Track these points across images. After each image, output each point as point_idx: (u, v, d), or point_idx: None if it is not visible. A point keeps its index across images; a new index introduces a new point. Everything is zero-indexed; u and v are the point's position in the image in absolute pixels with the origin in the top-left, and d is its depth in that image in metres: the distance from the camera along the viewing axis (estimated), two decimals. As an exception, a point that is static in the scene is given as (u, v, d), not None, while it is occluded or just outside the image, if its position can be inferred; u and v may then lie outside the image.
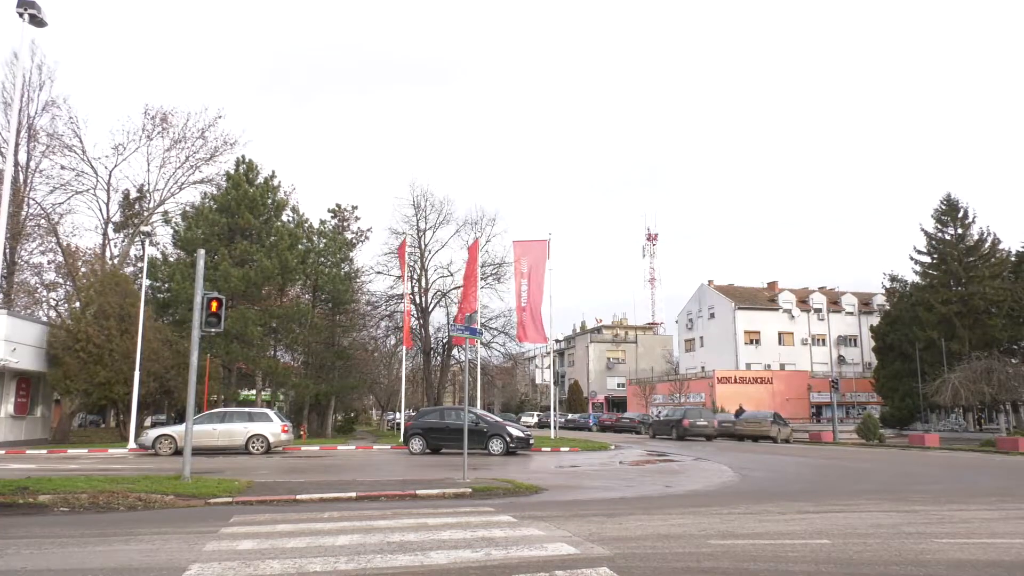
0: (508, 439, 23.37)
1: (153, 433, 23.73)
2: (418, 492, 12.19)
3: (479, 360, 33.91)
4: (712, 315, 77.61)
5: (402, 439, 26.92)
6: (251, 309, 32.81)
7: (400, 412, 34.88)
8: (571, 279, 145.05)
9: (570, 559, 6.69)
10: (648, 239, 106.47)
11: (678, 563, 6.59)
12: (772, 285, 78.30)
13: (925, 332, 49.03)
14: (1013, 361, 45.75)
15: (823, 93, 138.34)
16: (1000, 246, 51.45)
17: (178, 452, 21.32)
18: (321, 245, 37.10)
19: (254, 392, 36.63)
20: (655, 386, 71.82)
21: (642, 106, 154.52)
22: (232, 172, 35.05)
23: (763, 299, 76.15)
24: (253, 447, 23.27)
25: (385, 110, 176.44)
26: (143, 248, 34.36)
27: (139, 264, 36.75)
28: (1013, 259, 50.77)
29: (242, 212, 33.60)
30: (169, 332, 30.40)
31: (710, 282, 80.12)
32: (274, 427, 23.89)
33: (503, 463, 20.01)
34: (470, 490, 12.50)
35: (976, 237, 51.55)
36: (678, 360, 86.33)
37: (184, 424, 15.62)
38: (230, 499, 11.23)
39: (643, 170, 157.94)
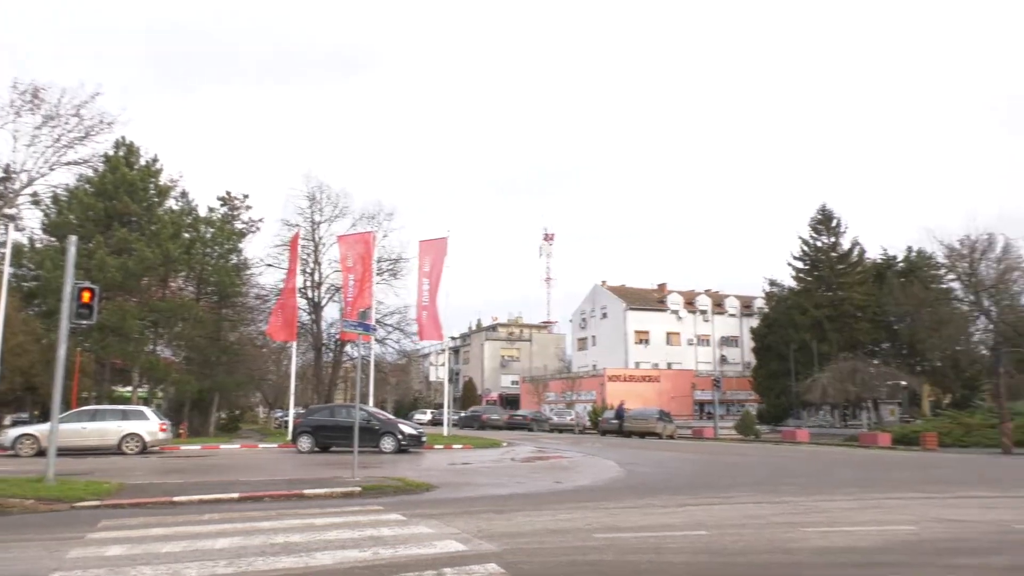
0: (400, 437, 23.12)
1: (13, 432, 21.95)
2: (305, 492, 11.87)
3: (373, 357, 33.38)
4: (604, 315, 79.63)
5: (290, 437, 26.14)
6: (129, 301, 30.94)
7: (289, 410, 33.80)
8: (468, 277, 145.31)
9: (459, 556, 6.69)
10: (545, 239, 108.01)
11: (564, 557, 6.72)
12: (662, 287, 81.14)
13: (799, 334, 52.14)
14: (875, 362, 49.46)
15: (714, 104, 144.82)
16: (866, 255, 55.51)
17: (41, 453, 19.80)
18: (208, 235, 35.42)
19: (130, 389, 34.61)
20: (548, 384, 72.96)
21: (542, 107, 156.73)
22: (111, 154, 32.88)
23: (653, 300, 78.81)
24: (127, 447, 21.96)
25: (283, 102, 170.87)
26: (7, 233, 31.75)
27: (1, 250, 33.94)
28: (875, 269, 54.90)
29: (121, 197, 31.59)
30: (38, 324, 28.24)
31: (603, 283, 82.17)
32: (151, 426, 22.63)
33: (395, 461, 19.80)
34: (359, 489, 12.28)
35: (846, 246, 55.36)
36: (571, 358, 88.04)
37: (49, 423, 14.54)
38: (98, 502, 10.55)
39: (542, 170, 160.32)
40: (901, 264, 54.91)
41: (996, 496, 12.20)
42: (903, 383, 44.96)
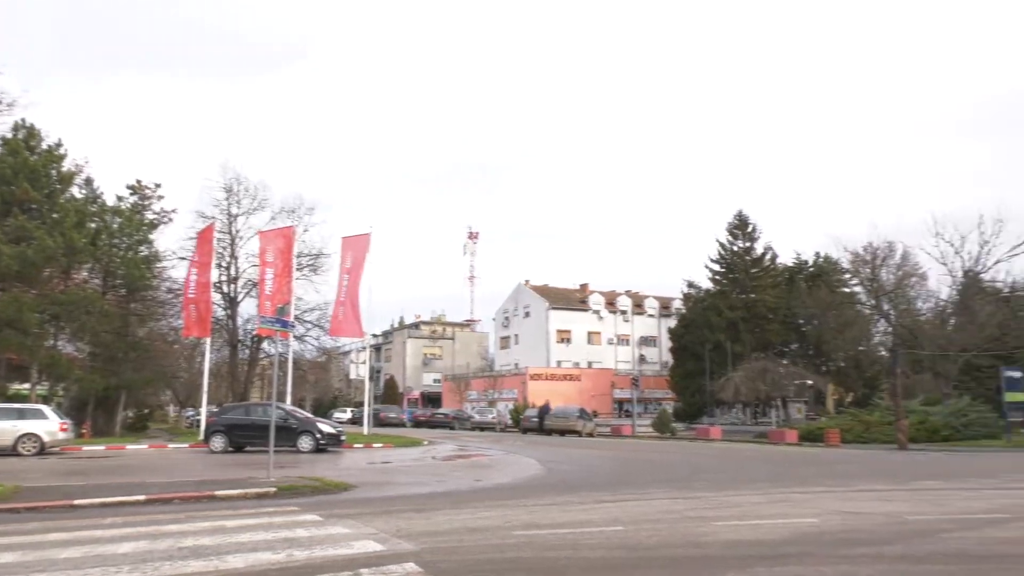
0: (318, 436, 22.67)
1: None
2: (217, 493, 11.48)
3: (291, 354, 32.59)
4: (527, 314, 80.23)
5: (202, 437, 25.25)
6: (27, 293, 29.19)
7: (201, 408, 32.62)
8: (392, 274, 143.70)
9: (376, 556, 6.61)
10: (469, 237, 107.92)
11: (482, 555, 6.73)
12: (584, 287, 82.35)
13: (714, 335, 53.91)
14: (784, 362, 51.66)
15: (636, 108, 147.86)
16: (779, 260, 57.91)
17: (-74, 454, 18.53)
18: (116, 225, 33.80)
19: (28, 387, 32.67)
20: (470, 382, 72.99)
21: (466, 104, 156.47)
22: (9, 137, 30.94)
23: (575, 300, 79.91)
24: (23, 448, 20.74)
25: (201, 92, 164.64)
26: None
27: None
28: (787, 273, 57.36)
29: (20, 182, 29.76)
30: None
31: (527, 282, 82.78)
32: (50, 425, 21.44)
33: (313, 461, 19.40)
34: (275, 489, 11.97)
35: (760, 251, 57.61)
36: (493, 357, 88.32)
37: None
38: (-10, 506, 9.93)
39: (467, 168, 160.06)
40: (810, 269, 57.50)
41: (892, 489, 12.91)
42: (809, 382, 47.11)
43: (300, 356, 41.66)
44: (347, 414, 56.42)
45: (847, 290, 54.62)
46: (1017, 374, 30.83)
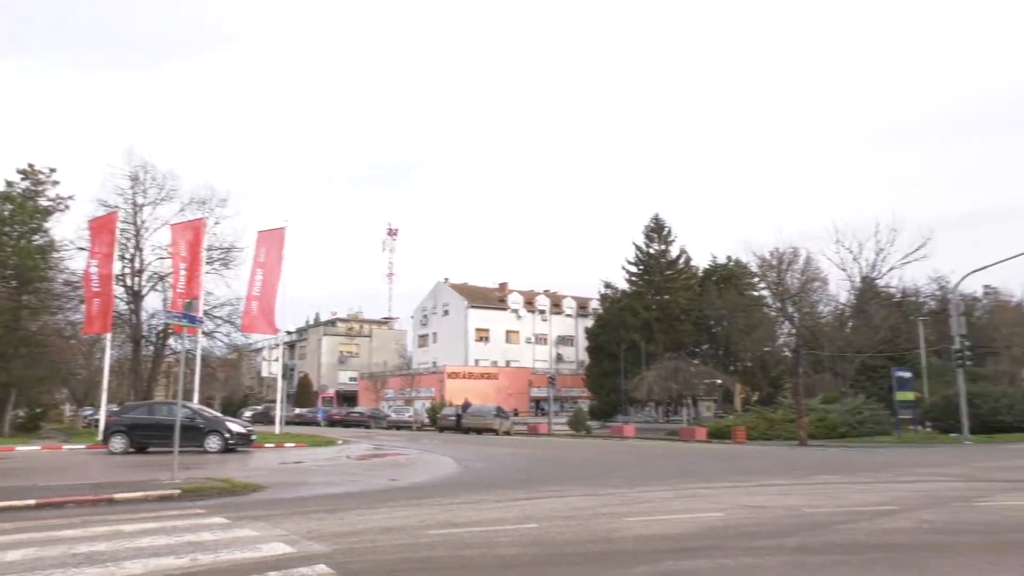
0: (227, 435, 21.93)
1: None
2: (116, 496, 10.93)
3: (199, 351, 31.37)
4: (446, 312, 79.98)
5: (100, 437, 24.02)
6: (-95, 283, 27.09)
7: (100, 408, 30.99)
8: (308, 270, 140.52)
9: (285, 559, 6.44)
10: (388, 234, 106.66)
11: (396, 555, 6.67)
12: (503, 286, 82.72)
13: (630, 335, 55.16)
14: (695, 362, 53.34)
15: (557, 110, 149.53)
16: (692, 263, 59.78)
17: None
18: (6, 212, 31.71)
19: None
20: (387, 380, 72.19)
21: (386, 98, 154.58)
22: None
23: (494, 299, 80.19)
24: (-102, 450, 19.23)
25: (112, 79, 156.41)
26: None
27: None
28: (700, 275, 59.30)
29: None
30: None
31: (446, 280, 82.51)
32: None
33: (221, 461, 18.76)
34: (179, 491, 11.50)
35: (675, 254, 59.32)
36: (411, 355, 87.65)
37: None
38: None
39: (386, 164, 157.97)
40: (721, 272, 59.58)
41: (792, 484, 13.51)
42: (719, 381, 48.83)
43: (209, 353, 40.14)
44: (249, 413, 54.81)
45: (755, 293, 56.91)
46: (907, 374, 32.81)
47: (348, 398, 79.53)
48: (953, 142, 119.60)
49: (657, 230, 59.27)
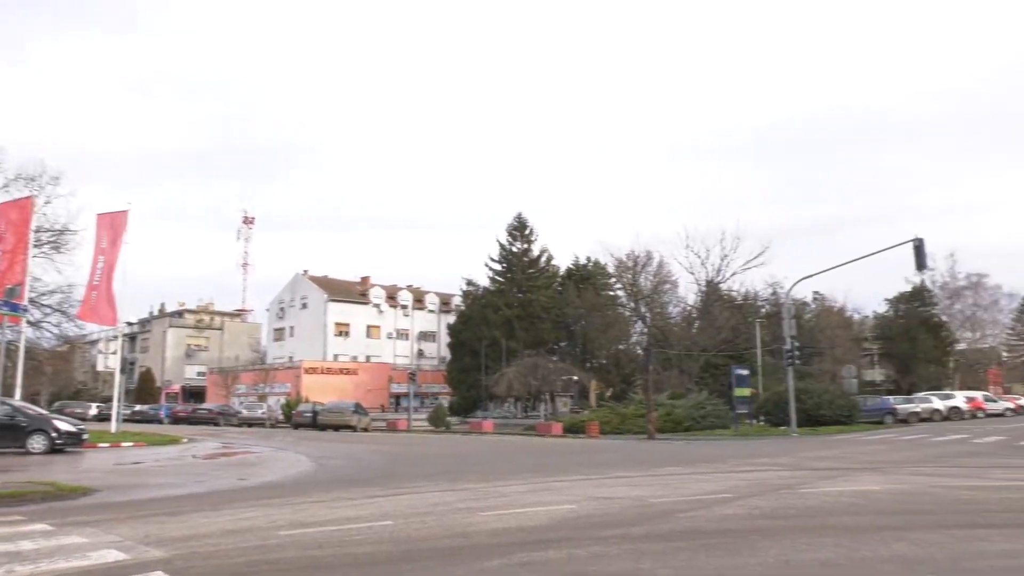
0: (55, 435, 20.11)
1: None
2: (-84, 503, 9.75)
3: (23, 342, 28.57)
4: (305, 305, 77.50)
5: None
6: None
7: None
8: (155, 258, 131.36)
9: (118, 567, 6.00)
10: (245, 222, 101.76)
11: (243, 558, 6.38)
12: (365, 280, 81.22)
13: (491, 331, 55.82)
14: (554, 359, 54.80)
15: (418, 105, 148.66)
16: (553, 262, 61.36)
17: None
18: None
19: None
20: (239, 375, 68.98)
21: (240, 76, 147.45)
22: None
23: (355, 293, 78.58)
24: None
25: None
26: None
27: None
28: (561, 274, 61.01)
29: None
30: None
31: (305, 272, 79.92)
32: None
33: (46, 463, 17.20)
34: (-6, 497, 10.43)
35: (537, 253, 60.62)
36: (266, 349, 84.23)
37: None
38: None
39: (242, 147, 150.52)
40: (581, 272, 61.57)
41: (640, 475, 14.19)
42: (576, 378, 50.45)
43: (35, 345, 36.75)
44: (91, 410, 50.66)
45: (611, 293, 59.31)
46: (744, 372, 35.30)
47: (195, 394, 75.25)
48: (791, 158, 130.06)
49: (520, 229, 60.33)
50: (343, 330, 75.49)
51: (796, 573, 5.73)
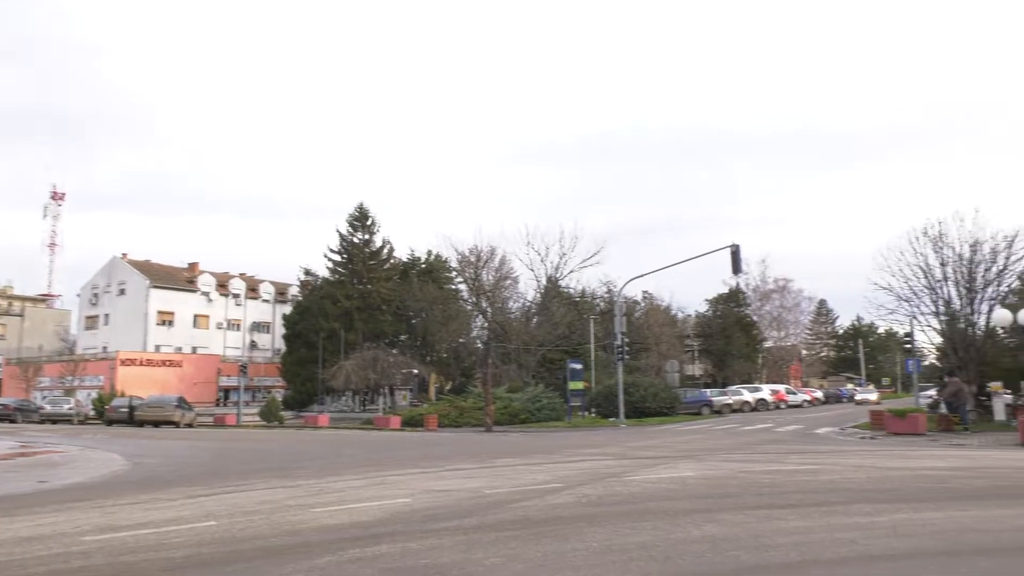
0: None
1: None
2: None
3: None
4: (123, 291, 71.53)
5: None
6: None
7: None
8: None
9: None
10: (53, 198, 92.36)
11: (41, 567, 5.80)
12: (193, 266, 76.28)
13: (329, 323, 54.36)
14: (394, 352, 54.27)
15: (262, 90, 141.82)
16: (395, 254, 60.70)
17: None
18: None
19: None
20: (43, 367, 62.45)
21: (55, 34, 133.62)
22: None
23: (182, 280, 73.60)
24: None
25: None
26: None
27: None
28: (402, 267, 60.52)
29: None
30: None
31: (124, 256, 73.74)
32: None
33: None
34: None
35: (379, 244, 59.70)
36: (76, 338, 76.90)
37: None
38: None
39: (53, 115, 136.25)
40: (423, 265, 61.37)
41: (477, 467, 14.39)
42: (415, 371, 50.30)
43: None
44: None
45: (453, 287, 59.63)
46: (578, 366, 36.81)
47: (-13, 388, 67.28)
48: (625, 164, 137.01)
49: (362, 219, 59.13)
50: (167, 319, 70.49)
51: (617, 557, 6.05)
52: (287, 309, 67.65)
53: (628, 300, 59.52)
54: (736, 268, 32.19)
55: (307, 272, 62.09)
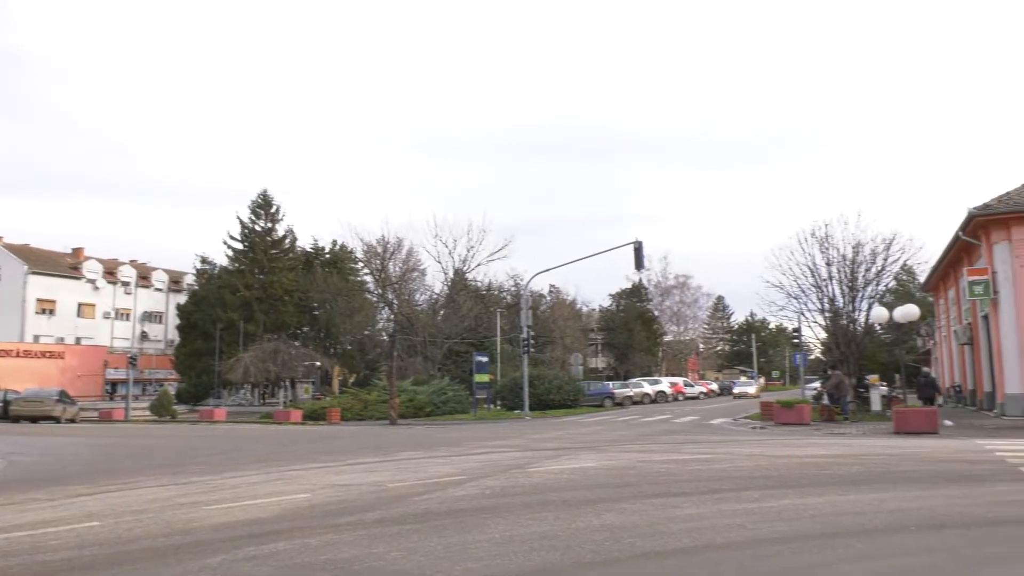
0: None
1: None
2: None
3: None
4: (-3, 278, 66.55)
5: None
6: None
7: None
8: None
9: None
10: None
11: None
12: (78, 252, 71.77)
13: (228, 313, 52.38)
14: (297, 344, 52.86)
15: (151, 59, 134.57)
16: (298, 243, 59.04)
17: None
18: None
19: None
20: (-99, 359, 57.32)
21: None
22: None
23: (64, 266, 69.12)
24: None
25: None
26: None
27: None
28: (306, 257, 59.01)
29: None
30: None
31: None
32: None
33: None
34: None
35: (282, 233, 57.90)
36: (-58, 328, 70.97)
37: None
38: None
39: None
40: (327, 255, 59.98)
41: (379, 461, 14.22)
42: (318, 363, 49.19)
43: None
44: None
45: (358, 278, 58.61)
46: (484, 359, 36.95)
47: None
48: (533, 160, 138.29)
49: (264, 207, 57.16)
50: (47, 307, 66.08)
51: (519, 547, 6.12)
52: (182, 299, 64.69)
53: (535, 294, 60.31)
54: (639, 264, 33.09)
55: (204, 260, 59.59)
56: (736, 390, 56.27)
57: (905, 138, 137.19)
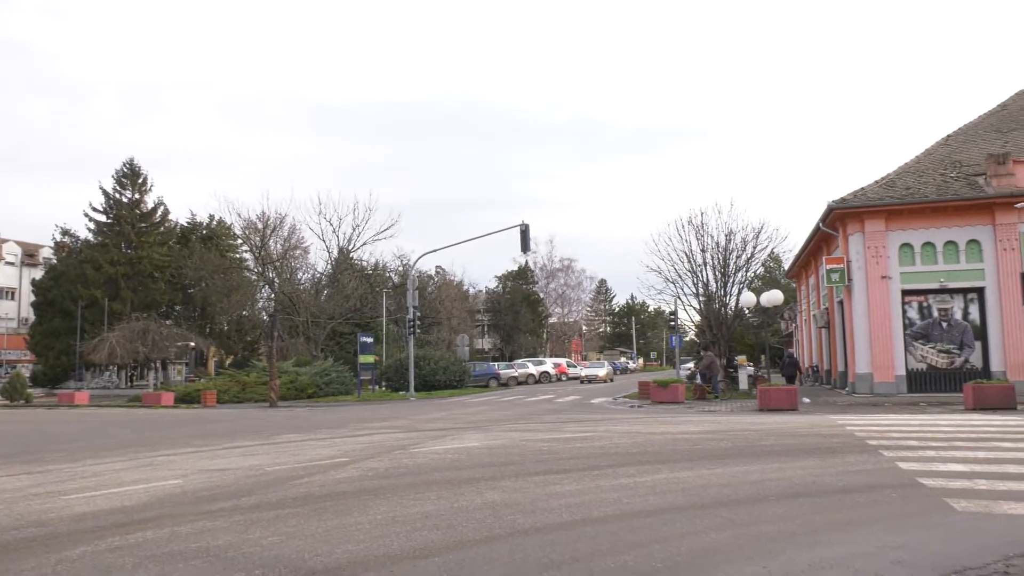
0: None
1: None
2: None
3: None
4: None
5: None
6: None
7: None
8: None
9: None
10: None
11: None
12: (-86, 220, 64.90)
13: (90, 290, 48.91)
14: (168, 323, 50.11)
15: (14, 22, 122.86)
16: (170, 217, 55.76)
17: None
18: None
19: None
20: None
21: None
22: None
23: (-102, 235, 62.33)
24: None
25: None
26: None
27: None
28: (179, 231, 55.88)
29: None
30: None
31: None
32: None
33: None
34: None
35: (151, 205, 54.45)
36: None
37: None
38: None
39: None
40: (204, 231, 57.01)
41: (258, 444, 13.77)
42: (192, 344, 46.81)
43: None
44: None
45: (237, 255, 56.10)
46: (369, 339, 36.38)
47: None
48: (421, 138, 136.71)
49: (131, 176, 53.44)
50: None
51: (401, 528, 6.11)
52: (38, 274, 59.79)
53: (421, 274, 59.87)
54: (525, 247, 33.44)
55: (65, 233, 55.21)
56: (584, 373, 48.84)
57: (776, 135, 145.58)
